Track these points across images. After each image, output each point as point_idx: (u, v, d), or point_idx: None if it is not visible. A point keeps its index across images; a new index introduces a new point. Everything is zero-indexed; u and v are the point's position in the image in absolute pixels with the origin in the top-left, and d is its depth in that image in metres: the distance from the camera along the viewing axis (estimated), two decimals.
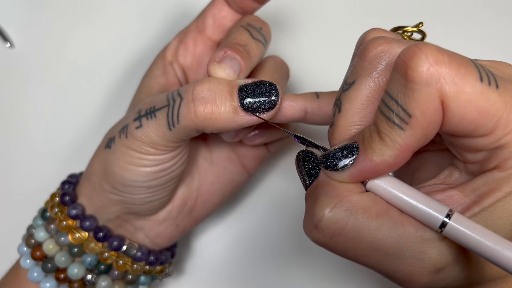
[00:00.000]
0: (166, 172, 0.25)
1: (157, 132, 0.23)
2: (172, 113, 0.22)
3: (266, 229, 0.35)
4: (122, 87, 0.38)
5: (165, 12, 0.39)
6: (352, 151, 0.18)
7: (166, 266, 0.30)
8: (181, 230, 0.30)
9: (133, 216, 0.28)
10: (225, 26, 0.28)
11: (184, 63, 0.29)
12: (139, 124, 0.24)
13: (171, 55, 0.29)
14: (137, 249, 0.28)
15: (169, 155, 0.24)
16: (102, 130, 0.29)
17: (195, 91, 0.22)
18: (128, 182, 0.25)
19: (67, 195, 0.27)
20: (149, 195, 0.26)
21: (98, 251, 0.27)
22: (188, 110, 0.22)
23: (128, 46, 0.38)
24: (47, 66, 0.38)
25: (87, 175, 0.27)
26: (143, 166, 0.24)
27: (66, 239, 0.27)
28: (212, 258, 0.35)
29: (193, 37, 0.29)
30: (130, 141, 0.24)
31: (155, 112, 0.23)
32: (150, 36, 0.39)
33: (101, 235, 0.27)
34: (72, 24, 0.38)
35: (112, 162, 0.25)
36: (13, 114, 0.38)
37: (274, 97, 0.22)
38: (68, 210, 0.27)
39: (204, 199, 0.30)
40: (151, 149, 0.24)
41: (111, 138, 0.26)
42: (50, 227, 0.27)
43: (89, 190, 0.27)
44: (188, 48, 0.29)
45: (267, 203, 0.35)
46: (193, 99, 0.22)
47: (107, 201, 0.26)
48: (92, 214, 0.27)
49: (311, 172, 0.19)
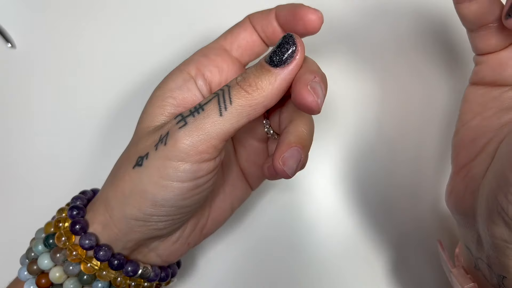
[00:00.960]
0: (198, 190, 0.24)
1: (206, 123, 0.22)
2: (223, 98, 0.23)
3: (270, 244, 0.35)
4: (127, 88, 0.36)
5: (171, 14, 0.37)
6: None
7: (173, 278, 0.30)
8: (191, 247, 0.29)
9: (150, 240, 0.26)
10: (254, 51, 0.27)
11: (212, 79, 0.26)
12: (183, 123, 0.23)
13: (195, 70, 0.26)
14: (151, 272, 0.27)
15: (206, 165, 0.23)
16: (105, 133, 0.28)
17: (237, 79, 0.23)
18: (160, 201, 0.23)
19: (78, 224, 0.25)
20: (176, 217, 0.25)
21: (111, 278, 0.26)
22: (238, 90, 0.23)
23: (130, 46, 0.37)
24: (48, 67, 0.37)
25: (104, 200, 0.25)
26: (178, 181, 0.23)
27: (76, 268, 0.25)
28: (215, 270, 0.35)
29: (221, 55, 0.26)
30: (169, 148, 0.22)
31: (203, 106, 0.23)
32: (152, 36, 0.37)
33: (116, 263, 0.25)
34: (73, 25, 0.37)
35: (143, 181, 0.23)
36: (13, 115, 0.37)
37: (293, 43, 0.23)
38: (80, 241, 0.24)
39: (214, 216, 0.30)
40: (191, 152, 0.22)
41: (142, 155, 0.24)
42: (56, 257, 0.25)
43: (105, 218, 0.25)
44: (218, 65, 0.26)
45: (271, 219, 0.36)
46: (237, 82, 0.23)
47: (127, 230, 0.25)
48: (106, 243, 0.25)
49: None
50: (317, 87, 0.22)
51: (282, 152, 0.23)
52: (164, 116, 0.25)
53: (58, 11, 0.38)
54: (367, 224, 0.36)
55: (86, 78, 0.37)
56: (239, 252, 0.35)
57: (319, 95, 0.22)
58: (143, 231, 0.25)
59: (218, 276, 0.35)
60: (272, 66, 0.22)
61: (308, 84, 0.22)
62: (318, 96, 0.22)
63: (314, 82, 0.22)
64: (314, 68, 0.23)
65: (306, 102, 0.22)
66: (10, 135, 0.36)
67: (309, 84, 0.22)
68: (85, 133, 0.36)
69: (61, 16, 0.38)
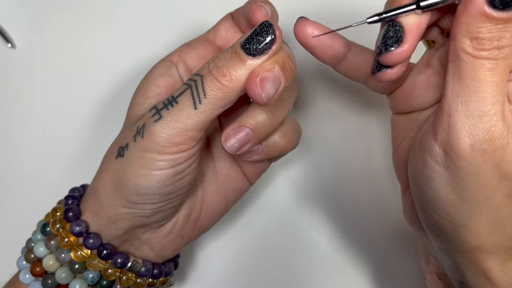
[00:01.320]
0: (180, 176, 0.24)
1: (181, 116, 0.22)
2: (197, 91, 0.22)
3: (269, 240, 0.35)
4: (125, 88, 0.36)
5: (171, 14, 0.37)
6: None
7: (168, 277, 0.30)
8: (185, 241, 0.29)
9: (140, 230, 0.27)
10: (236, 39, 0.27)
11: (192, 65, 0.27)
12: (158, 116, 0.23)
13: (177, 57, 0.27)
14: (141, 265, 0.27)
15: (185, 154, 0.23)
16: (104, 132, 0.28)
17: (210, 66, 0.22)
18: (142, 189, 0.24)
19: (70, 211, 0.26)
20: (161, 204, 0.25)
21: (101, 268, 0.26)
22: (212, 81, 0.22)
23: (130, 47, 0.37)
24: (49, 67, 0.37)
25: (93, 190, 0.26)
26: (158, 169, 0.23)
27: (67, 256, 0.26)
28: (215, 268, 0.34)
29: (203, 44, 0.28)
30: (147, 141, 0.23)
31: (176, 99, 0.23)
32: (150, 36, 0.37)
33: (105, 253, 0.26)
34: (73, 25, 0.37)
35: (125, 170, 0.24)
36: (13, 115, 0.37)
37: (272, 32, 0.22)
38: (71, 226, 0.25)
39: (207, 209, 0.29)
40: (168, 145, 0.23)
41: (123, 146, 0.24)
42: (50, 243, 0.26)
43: (95, 206, 0.26)
44: (199, 52, 0.27)
45: (270, 214, 0.35)
46: (210, 71, 0.22)
47: (116, 217, 0.25)
48: (96, 231, 0.26)
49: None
50: (266, 80, 0.22)
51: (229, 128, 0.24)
52: (147, 104, 0.26)
53: (58, 11, 0.37)
54: (366, 224, 0.35)
55: (86, 78, 0.37)
56: (238, 249, 0.35)
57: (265, 88, 0.22)
58: (130, 218, 0.25)
59: (217, 273, 0.34)
60: (247, 54, 0.22)
61: (258, 76, 0.22)
62: (263, 89, 0.22)
63: (267, 73, 0.22)
64: (278, 57, 0.23)
65: (250, 94, 0.22)
66: (10, 135, 0.37)
67: (260, 75, 0.22)
68: (85, 131, 0.36)
69: (61, 16, 0.37)
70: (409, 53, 0.20)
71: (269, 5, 0.25)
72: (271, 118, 0.25)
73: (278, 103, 0.26)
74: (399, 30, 0.20)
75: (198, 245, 0.35)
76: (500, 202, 0.21)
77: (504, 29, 0.18)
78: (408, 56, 0.21)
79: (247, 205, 0.35)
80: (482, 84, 0.19)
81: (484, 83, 0.18)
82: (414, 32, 0.20)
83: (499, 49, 0.18)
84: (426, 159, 0.21)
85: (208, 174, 0.29)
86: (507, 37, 0.18)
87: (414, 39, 0.20)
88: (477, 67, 0.18)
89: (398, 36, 0.20)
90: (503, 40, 0.18)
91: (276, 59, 0.22)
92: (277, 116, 0.26)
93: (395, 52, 0.20)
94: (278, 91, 0.22)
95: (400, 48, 0.20)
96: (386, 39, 0.20)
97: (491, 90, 0.19)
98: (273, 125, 0.26)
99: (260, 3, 0.25)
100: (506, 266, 0.22)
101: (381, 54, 0.21)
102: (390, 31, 0.20)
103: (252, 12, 0.24)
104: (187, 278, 0.34)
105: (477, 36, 0.18)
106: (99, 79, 0.37)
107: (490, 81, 0.18)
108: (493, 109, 0.19)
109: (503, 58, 0.18)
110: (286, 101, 0.27)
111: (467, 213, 0.21)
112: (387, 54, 0.20)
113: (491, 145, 0.19)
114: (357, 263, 0.35)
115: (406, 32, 0.20)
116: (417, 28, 0.20)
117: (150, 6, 0.37)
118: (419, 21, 0.20)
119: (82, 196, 0.28)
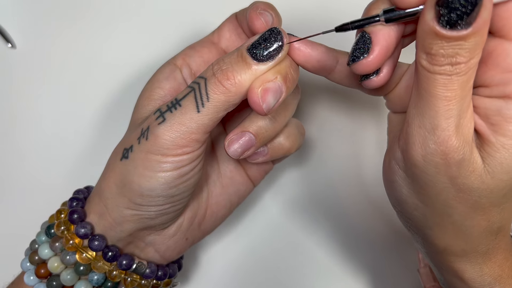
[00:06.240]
0: (184, 178, 0.24)
1: (184, 119, 0.22)
2: (200, 94, 0.22)
3: (271, 241, 0.35)
4: (126, 89, 0.36)
5: (171, 15, 0.37)
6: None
7: (172, 279, 0.30)
8: (190, 243, 0.29)
9: (145, 232, 0.27)
10: (241, 42, 0.28)
11: (196, 68, 0.27)
12: (162, 119, 0.23)
13: (181, 60, 0.27)
14: (146, 267, 0.27)
15: (189, 156, 0.23)
16: (105, 132, 0.28)
17: (214, 68, 0.22)
18: (146, 191, 0.24)
19: (75, 213, 0.26)
20: (166, 206, 0.25)
21: (106, 270, 0.26)
22: (215, 85, 0.22)
23: (129, 46, 0.37)
24: (48, 67, 0.37)
25: (98, 191, 0.26)
26: (162, 171, 0.23)
27: (72, 258, 0.25)
28: (217, 269, 0.35)
29: (207, 46, 0.28)
30: (151, 143, 0.23)
31: (179, 102, 0.23)
32: (151, 36, 0.37)
33: (110, 255, 0.26)
34: (73, 25, 0.37)
35: (130, 172, 0.24)
36: (13, 115, 0.36)
37: (280, 39, 0.22)
38: (76, 228, 0.25)
39: (212, 211, 0.29)
40: (172, 147, 0.23)
41: (128, 148, 0.24)
42: (55, 245, 0.26)
43: (100, 208, 0.26)
44: (203, 55, 0.27)
45: (272, 216, 0.35)
46: (214, 74, 0.22)
47: (121, 218, 0.25)
48: (101, 233, 0.26)
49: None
50: (268, 92, 0.22)
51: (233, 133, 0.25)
52: (152, 106, 0.26)
53: (58, 11, 0.37)
54: (367, 224, 0.35)
55: (86, 78, 0.37)
56: (240, 250, 0.35)
57: (266, 99, 0.22)
58: (135, 220, 0.25)
59: (220, 273, 0.34)
60: (253, 58, 0.22)
61: (260, 86, 0.22)
62: (264, 100, 0.22)
63: (269, 84, 0.22)
64: (281, 67, 0.23)
65: (251, 104, 0.22)
66: (11, 135, 0.36)
67: (262, 86, 0.22)
68: (85, 132, 0.36)
69: (61, 16, 0.37)
70: (376, 63, 0.21)
71: (271, 11, 0.25)
72: (273, 123, 0.25)
73: (281, 108, 0.26)
74: (367, 41, 0.20)
75: (201, 246, 0.35)
76: (462, 211, 0.20)
77: (457, 46, 0.17)
78: (376, 66, 0.21)
79: (249, 207, 0.35)
80: (435, 99, 0.18)
81: (437, 97, 0.18)
82: (382, 43, 0.20)
83: (453, 66, 0.18)
84: (391, 162, 0.22)
85: (212, 177, 0.30)
86: (463, 54, 0.17)
87: (382, 49, 0.20)
88: (431, 81, 0.18)
89: (366, 46, 0.20)
90: (458, 57, 0.17)
91: (278, 69, 0.22)
92: (280, 121, 0.26)
93: (361, 63, 0.21)
94: (279, 102, 0.23)
95: (365, 58, 0.20)
96: (355, 49, 0.21)
97: (444, 104, 0.18)
98: (275, 130, 0.26)
99: (260, 10, 0.24)
100: (480, 269, 0.23)
101: (350, 64, 0.21)
102: (360, 42, 0.21)
103: (252, 20, 0.24)
104: (190, 279, 0.34)
105: (429, 52, 0.18)
106: (100, 80, 0.37)
107: (443, 96, 0.18)
108: (446, 123, 0.18)
109: (457, 74, 0.18)
110: (289, 105, 0.27)
111: (430, 218, 0.21)
112: (354, 64, 0.21)
113: (444, 158, 0.19)
114: (357, 263, 0.35)
115: (373, 43, 0.20)
116: (386, 39, 0.20)
117: (152, 7, 0.37)
118: (387, 32, 0.20)
119: (86, 198, 0.28)
